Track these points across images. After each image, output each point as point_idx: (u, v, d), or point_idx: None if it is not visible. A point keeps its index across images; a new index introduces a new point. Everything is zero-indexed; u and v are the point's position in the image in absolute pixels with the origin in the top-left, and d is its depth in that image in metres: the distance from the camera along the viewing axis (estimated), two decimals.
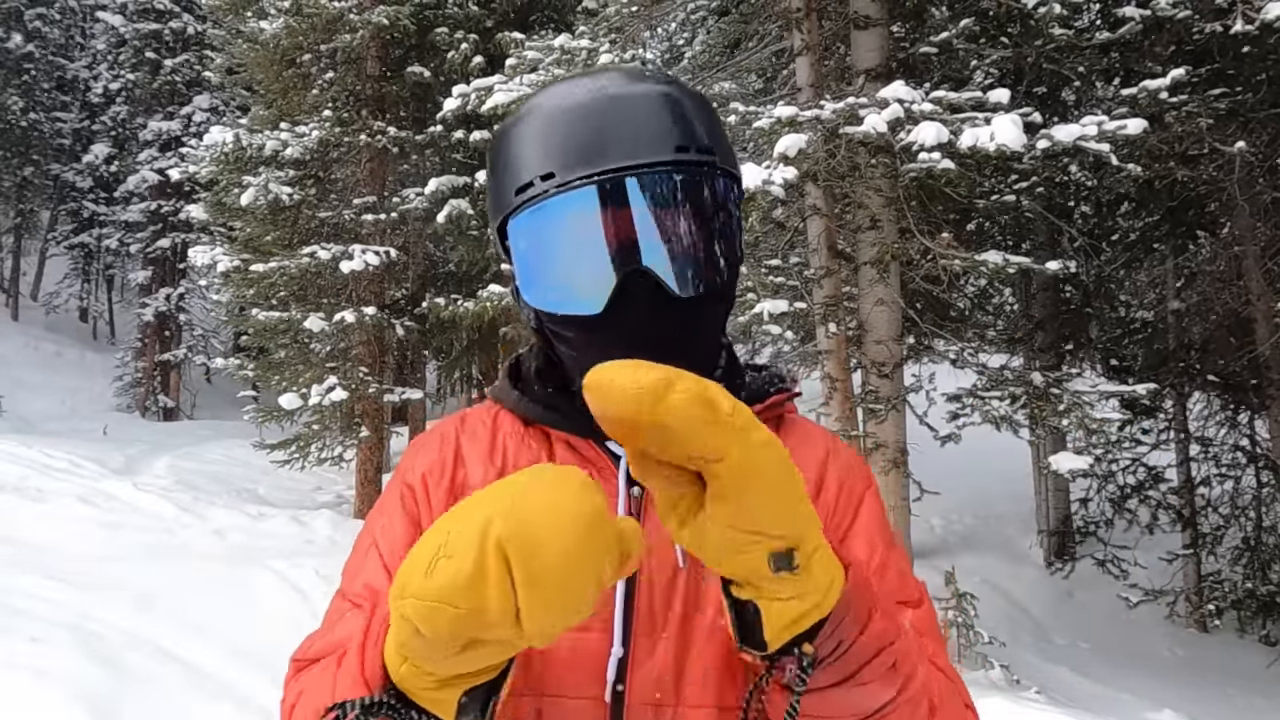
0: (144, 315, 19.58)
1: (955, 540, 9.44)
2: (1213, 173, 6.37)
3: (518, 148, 0.80)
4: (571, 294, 0.77)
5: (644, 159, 0.75)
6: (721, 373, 0.87)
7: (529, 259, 0.80)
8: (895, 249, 5.77)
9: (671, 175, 0.76)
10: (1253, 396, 7.82)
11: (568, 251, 0.77)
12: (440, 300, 8.86)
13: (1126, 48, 6.42)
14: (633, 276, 0.75)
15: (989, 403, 6.11)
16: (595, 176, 0.75)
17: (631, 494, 0.80)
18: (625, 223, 0.75)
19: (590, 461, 0.82)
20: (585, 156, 0.76)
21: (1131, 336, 8.86)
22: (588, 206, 0.75)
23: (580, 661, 0.75)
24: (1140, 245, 8.13)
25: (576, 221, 0.76)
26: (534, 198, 0.77)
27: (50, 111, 21.70)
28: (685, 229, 0.76)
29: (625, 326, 0.76)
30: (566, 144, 0.77)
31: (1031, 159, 5.01)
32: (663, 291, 0.75)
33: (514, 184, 0.79)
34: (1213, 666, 7.17)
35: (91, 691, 3.15)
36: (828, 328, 5.89)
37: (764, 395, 0.87)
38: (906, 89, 4.94)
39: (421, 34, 9.42)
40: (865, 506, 0.85)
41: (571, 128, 0.77)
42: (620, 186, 0.75)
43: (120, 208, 20.73)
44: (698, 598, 0.77)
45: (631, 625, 0.76)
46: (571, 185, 0.75)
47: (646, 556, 0.75)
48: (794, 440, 0.86)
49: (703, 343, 0.82)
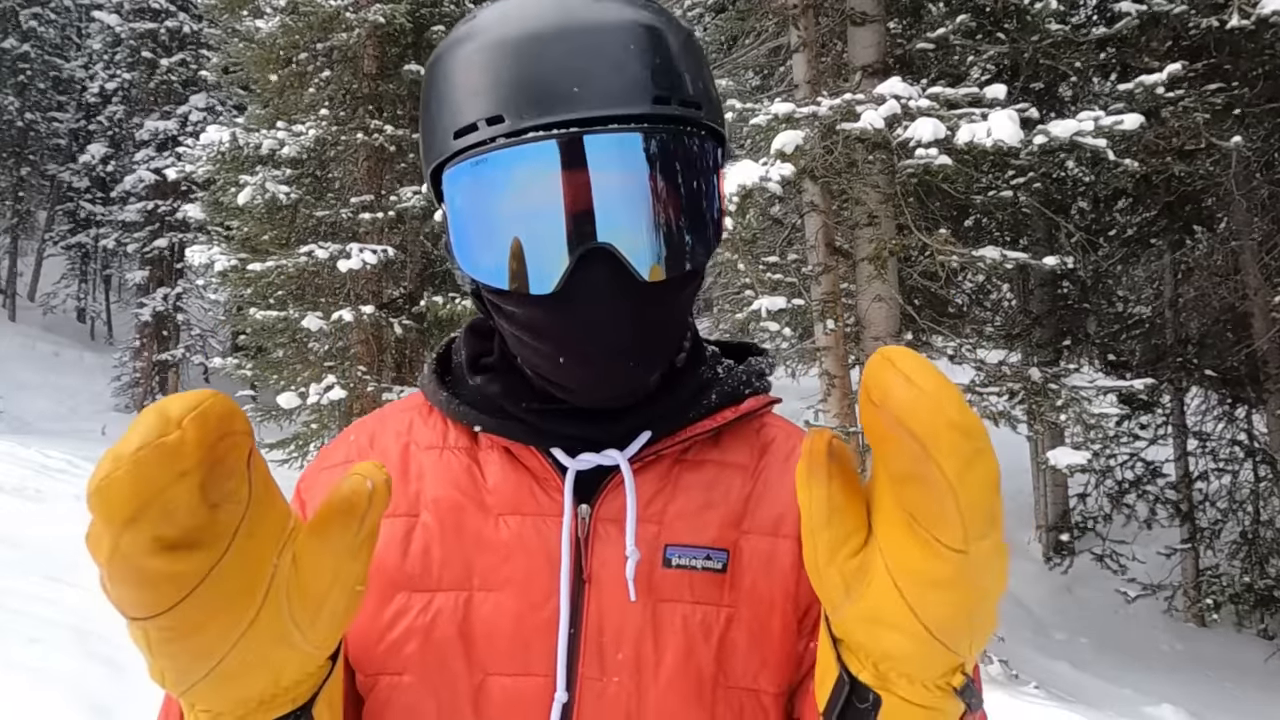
0: (141, 315, 19.55)
1: None
2: (1209, 168, 6.37)
3: (460, 77, 0.65)
4: (519, 269, 0.63)
5: (615, 109, 0.61)
6: (685, 357, 0.75)
7: (466, 221, 0.65)
8: (893, 245, 5.77)
9: (647, 134, 0.62)
10: (1250, 391, 7.83)
11: (515, 218, 0.63)
12: (438, 299, 8.85)
13: (1123, 43, 6.42)
14: (592, 252, 0.61)
15: (987, 398, 6.11)
16: (554, 129, 0.61)
17: (579, 512, 0.69)
18: (585, 190, 0.61)
19: (532, 472, 0.70)
20: (542, 100, 0.61)
21: (1129, 332, 8.86)
22: (542, 166, 0.61)
23: (516, 709, 0.65)
24: (1137, 240, 8.14)
25: (527, 183, 0.62)
26: (476, 145, 0.63)
27: (46, 111, 21.65)
28: (657, 201, 0.63)
29: (579, 310, 0.64)
30: (520, 80, 0.62)
31: (1028, 155, 5.01)
32: (625, 272, 0.62)
33: (453, 124, 0.64)
34: (1211, 661, 7.19)
35: (91, 692, 3.15)
36: (826, 324, 5.89)
37: (738, 397, 0.74)
38: (903, 85, 4.94)
39: (418, 32, 9.41)
40: None
41: (527, 60, 0.62)
42: (581, 144, 0.60)
43: (117, 207, 20.69)
44: (654, 636, 0.66)
45: (577, 668, 0.66)
46: (524, 137, 0.61)
47: (595, 587, 0.68)
48: (778, 462, 0.74)
49: (669, 330, 0.69)
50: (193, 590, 0.44)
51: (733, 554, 0.69)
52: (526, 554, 0.68)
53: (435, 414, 0.76)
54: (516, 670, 0.66)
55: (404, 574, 0.69)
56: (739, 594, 0.68)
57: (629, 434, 0.71)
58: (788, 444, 0.76)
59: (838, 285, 6.05)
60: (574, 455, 0.70)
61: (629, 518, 0.68)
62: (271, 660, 0.49)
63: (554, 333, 0.65)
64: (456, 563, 0.69)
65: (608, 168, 0.61)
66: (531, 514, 0.69)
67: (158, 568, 0.43)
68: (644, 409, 0.71)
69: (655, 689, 0.66)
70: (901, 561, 0.47)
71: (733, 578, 0.69)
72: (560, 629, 0.66)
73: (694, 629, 0.67)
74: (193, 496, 0.42)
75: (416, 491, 0.71)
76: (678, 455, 0.72)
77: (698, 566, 0.68)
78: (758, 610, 0.68)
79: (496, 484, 0.71)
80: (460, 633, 0.67)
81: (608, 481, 0.70)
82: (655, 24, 0.65)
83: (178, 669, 0.47)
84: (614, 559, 0.68)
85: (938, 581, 0.46)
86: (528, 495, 0.70)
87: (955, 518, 0.44)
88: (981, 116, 4.75)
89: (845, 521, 0.49)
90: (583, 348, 0.65)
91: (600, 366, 0.66)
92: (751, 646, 0.68)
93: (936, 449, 0.42)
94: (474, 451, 0.73)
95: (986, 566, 0.46)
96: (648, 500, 0.70)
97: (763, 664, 0.68)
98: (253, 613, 0.47)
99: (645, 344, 0.67)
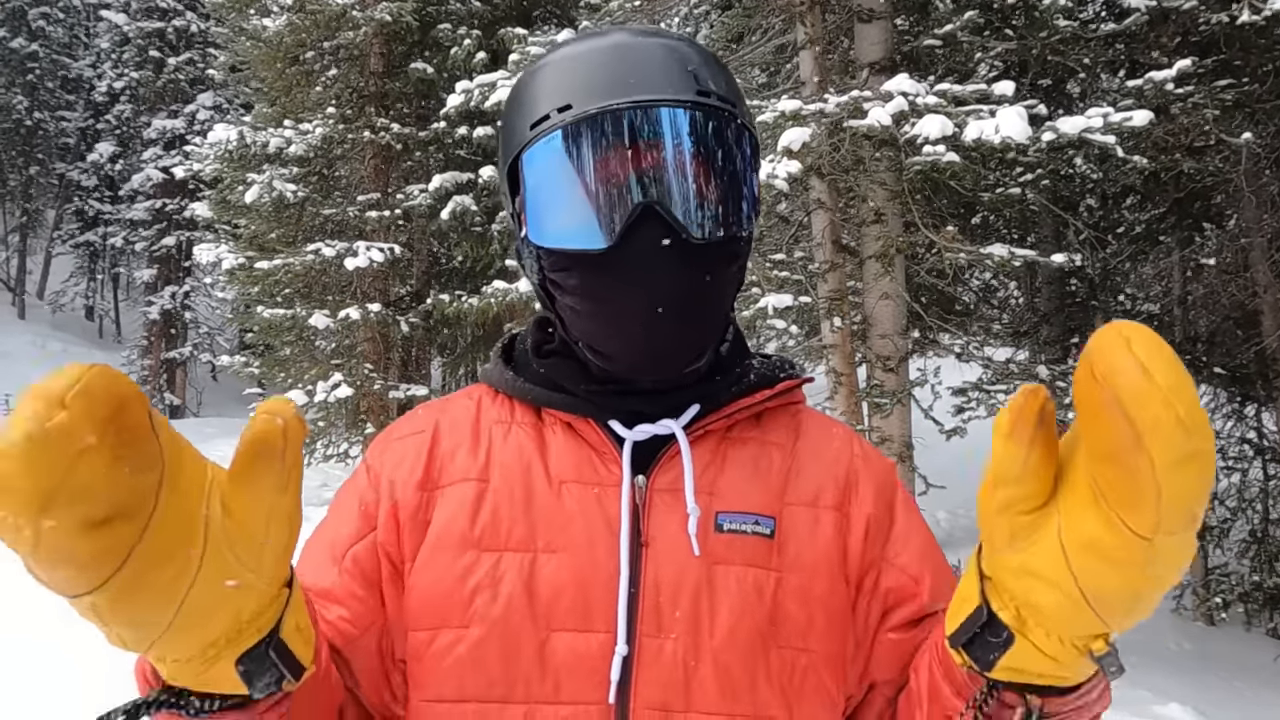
0: (149, 313, 19.64)
1: (962, 534, 9.43)
2: (1219, 164, 6.33)
3: (533, 90, 0.76)
4: (579, 227, 0.71)
5: (665, 95, 0.71)
6: (729, 347, 0.82)
7: (537, 193, 0.74)
8: (900, 243, 5.75)
9: (694, 112, 0.72)
10: (1260, 389, 7.79)
11: (579, 181, 0.72)
12: (445, 297, 8.86)
13: (1132, 39, 6.39)
14: (646, 215, 0.70)
15: (994, 396, 6.10)
16: (613, 106, 0.71)
17: (636, 483, 0.74)
18: (640, 155, 0.70)
19: (592, 446, 0.76)
20: (605, 90, 0.72)
21: None
22: (604, 134, 0.71)
23: (580, 664, 0.69)
24: (1146, 238, 8.10)
25: (591, 149, 0.71)
26: (548, 129, 0.72)
27: (55, 110, 21.75)
28: (703, 169, 0.72)
29: (632, 270, 0.71)
30: (585, 80, 0.73)
31: (1036, 152, 4.99)
32: (675, 236, 0.70)
33: (528, 121, 0.74)
34: (1220, 659, 7.16)
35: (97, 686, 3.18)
36: (832, 322, 5.88)
37: (773, 380, 0.81)
38: (911, 82, 4.92)
39: (424, 30, 9.42)
40: (899, 509, 0.81)
41: (591, 68, 0.74)
42: (639, 115, 0.71)
43: (125, 206, 20.78)
44: (711, 596, 0.71)
45: (636, 625, 0.70)
46: (588, 114, 0.71)
47: (653, 549, 0.72)
48: (811, 441, 0.81)
49: (713, 300, 0.76)
50: (128, 557, 0.44)
51: (778, 522, 0.75)
52: (586, 520, 0.73)
53: (501, 396, 0.82)
54: (578, 626, 0.71)
55: (475, 534, 0.74)
56: (785, 559, 0.74)
57: (679, 408, 0.77)
58: (818, 428, 0.84)
59: (844, 283, 6.03)
60: (630, 428, 0.76)
61: (686, 476, 0.73)
62: (228, 601, 0.50)
63: (609, 294, 0.72)
64: (522, 526, 0.74)
65: (659, 138, 0.71)
66: (591, 483, 0.75)
67: (87, 547, 0.42)
68: (691, 388, 0.78)
69: (710, 646, 0.70)
70: (1078, 530, 0.48)
71: (780, 544, 0.75)
72: (620, 588, 0.71)
73: (747, 589, 0.72)
74: (107, 470, 0.42)
75: (486, 460, 0.77)
76: (723, 433, 0.79)
77: (748, 531, 0.74)
78: (803, 575, 0.74)
79: (559, 456, 0.76)
80: (526, 589, 0.71)
81: (662, 454, 0.76)
82: (694, 49, 0.77)
83: (135, 631, 0.48)
84: (670, 524, 0.73)
85: (1111, 558, 0.47)
86: (587, 466, 0.76)
87: (1151, 508, 0.44)
88: (989, 113, 4.72)
89: (1031, 483, 0.51)
90: (635, 307, 0.72)
91: (651, 326, 0.72)
92: (799, 608, 0.73)
93: (1153, 442, 0.42)
94: (539, 427, 0.79)
95: (1169, 558, 0.47)
96: (700, 472, 0.75)
97: (810, 625, 0.73)
98: (196, 563, 0.48)
99: (690, 306, 0.73)
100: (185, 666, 0.52)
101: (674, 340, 0.74)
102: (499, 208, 8.54)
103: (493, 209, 8.77)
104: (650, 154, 0.70)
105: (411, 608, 0.73)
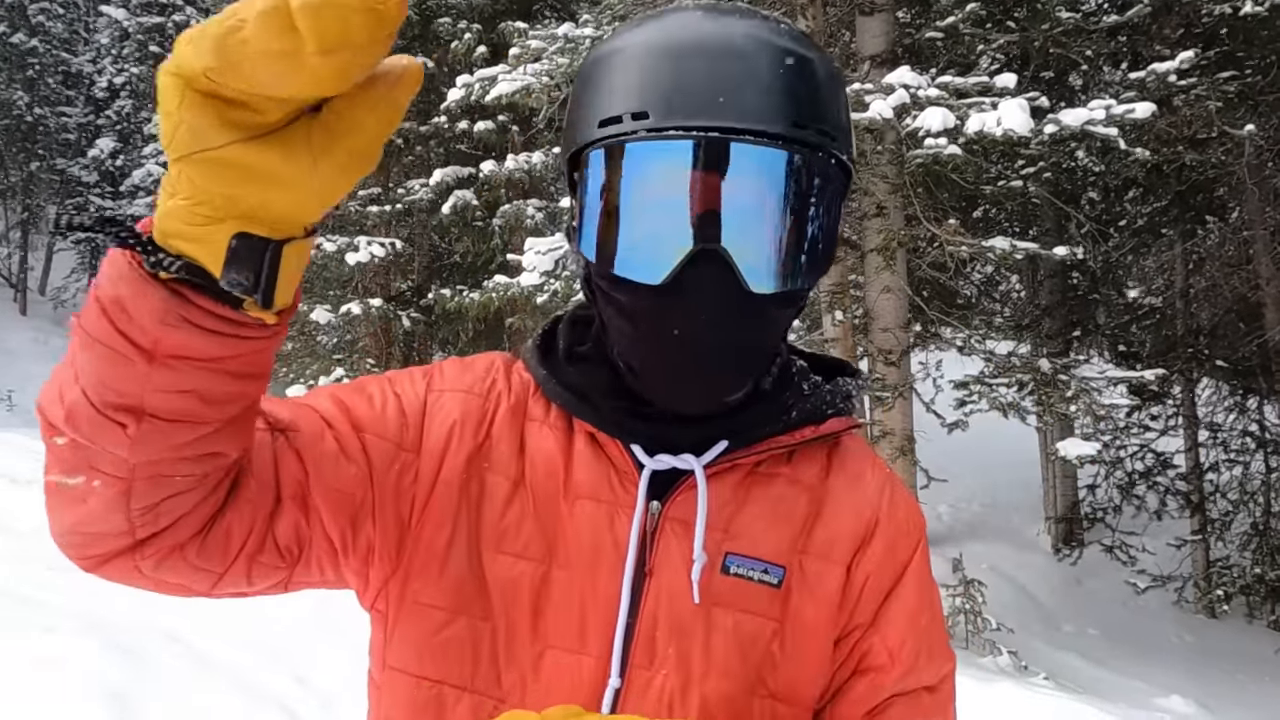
0: None
1: (963, 527, 9.43)
2: (1222, 156, 6.32)
3: (611, 76, 0.68)
4: (634, 256, 0.67)
5: (753, 124, 0.64)
6: (772, 381, 0.77)
7: (595, 204, 0.68)
8: (902, 236, 5.75)
9: (779, 152, 0.65)
10: (1262, 381, 7.78)
11: (642, 207, 0.66)
12: (446, 291, 8.85)
13: (1135, 30, 6.37)
14: (707, 253, 0.65)
15: (996, 390, 6.09)
16: (694, 131, 0.64)
17: (649, 508, 0.73)
18: (714, 191, 0.64)
19: (613, 463, 0.74)
20: (687, 104, 0.64)
21: (1139, 322, 8.82)
22: (678, 162, 0.64)
23: (573, 689, 0.69)
24: (1148, 230, 8.08)
25: (661, 175, 0.65)
26: (620, 135, 0.66)
27: (55, 106, 21.71)
28: (778, 218, 0.66)
29: (683, 307, 0.67)
30: (668, 84, 0.65)
31: (1039, 144, 4.98)
32: (733, 279, 0.65)
33: (599, 114, 0.67)
34: (1221, 652, 7.16)
35: (109, 680, 3.19)
36: (834, 315, 5.88)
37: (820, 417, 0.77)
38: (912, 74, 4.91)
39: (424, 24, 9.39)
40: (909, 575, 0.77)
41: (677, 66, 0.65)
42: (718, 149, 0.64)
43: (126, 202, 20.76)
44: (706, 637, 0.70)
45: (629, 655, 0.70)
46: (665, 133, 0.64)
47: (655, 581, 0.71)
48: (843, 483, 0.77)
49: (759, 345, 0.72)
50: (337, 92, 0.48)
51: (788, 572, 0.74)
52: (595, 539, 0.72)
53: (539, 390, 0.79)
54: (573, 648, 0.70)
55: (499, 530, 0.73)
56: (788, 610, 0.73)
57: (705, 441, 0.74)
58: (856, 465, 0.79)
59: (846, 276, 6.03)
60: (651, 455, 0.73)
61: (698, 524, 0.71)
62: (272, 175, 0.49)
63: (654, 326, 0.68)
64: (541, 539, 0.73)
65: (738, 176, 0.64)
66: (606, 502, 0.73)
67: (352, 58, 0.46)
68: (722, 419, 0.74)
69: (699, 688, 0.70)
70: None
71: (785, 594, 0.73)
72: (619, 616, 0.70)
73: (743, 636, 0.71)
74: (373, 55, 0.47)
75: (521, 461, 0.75)
76: (750, 468, 0.76)
77: (754, 578, 0.72)
78: (802, 629, 0.73)
79: (580, 468, 0.75)
80: (532, 602, 0.71)
81: (681, 483, 0.73)
82: (803, 53, 0.67)
83: (195, 129, 0.48)
84: (676, 556, 0.72)
85: None
86: (605, 484, 0.74)
87: None
88: (991, 105, 4.72)
89: None
90: (679, 345, 0.68)
91: (690, 367, 0.69)
92: (790, 660, 0.72)
93: None
94: (568, 434, 0.76)
95: None
96: (717, 508, 0.73)
97: (799, 678, 0.73)
98: (282, 119, 0.49)
99: (735, 354, 0.70)
100: (195, 210, 0.50)
101: (711, 384, 0.72)
102: (500, 202, 8.53)
103: (493, 203, 8.76)
104: (722, 190, 0.64)
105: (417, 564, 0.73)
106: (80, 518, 0.60)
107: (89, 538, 0.61)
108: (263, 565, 0.67)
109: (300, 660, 3.54)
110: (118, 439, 0.55)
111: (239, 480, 0.65)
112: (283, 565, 0.69)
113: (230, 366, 0.56)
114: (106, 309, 0.53)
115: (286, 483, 0.68)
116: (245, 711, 3.20)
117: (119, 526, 0.59)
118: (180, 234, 0.52)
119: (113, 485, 0.57)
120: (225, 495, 0.64)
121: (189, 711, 3.12)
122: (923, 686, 0.76)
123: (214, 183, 0.49)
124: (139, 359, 0.53)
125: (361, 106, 0.50)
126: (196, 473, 0.60)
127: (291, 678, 3.47)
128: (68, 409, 0.55)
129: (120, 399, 0.54)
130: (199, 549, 0.63)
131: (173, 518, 0.60)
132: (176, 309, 0.52)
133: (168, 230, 0.52)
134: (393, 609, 0.74)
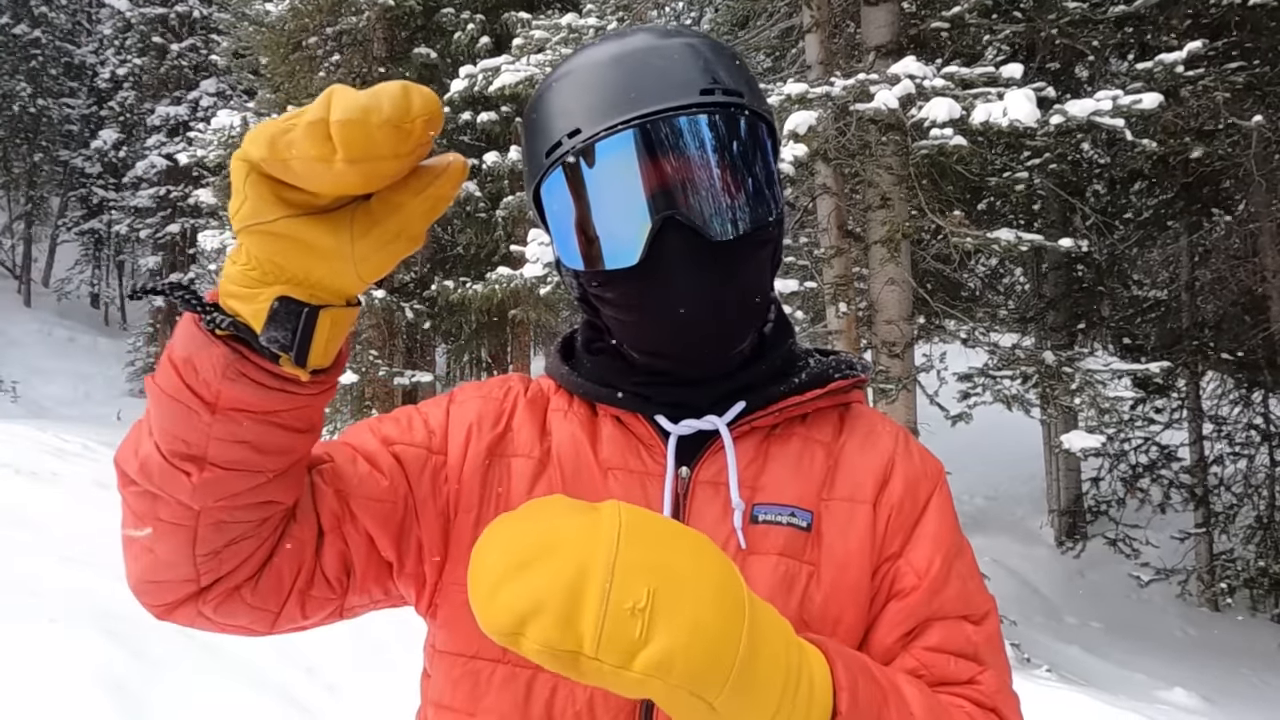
0: (155, 300, 19.65)
1: (966, 520, 9.40)
2: (1228, 148, 6.28)
3: (545, 113, 0.78)
4: (605, 249, 0.75)
5: (669, 103, 0.72)
6: (772, 328, 0.84)
7: (561, 220, 0.77)
8: (906, 228, 5.72)
9: (696, 117, 0.73)
10: (1267, 374, 7.75)
11: (601, 205, 0.74)
12: (449, 283, 8.85)
13: (1142, 21, 6.33)
14: (669, 224, 0.72)
15: (1000, 382, 6.08)
16: (619, 126, 0.72)
17: (680, 474, 0.77)
18: (657, 169, 0.72)
19: (639, 438, 0.80)
20: (609, 109, 0.73)
21: (1144, 315, 8.79)
22: (617, 156, 0.72)
23: None
24: (1154, 223, 8.05)
25: (607, 173, 0.73)
26: (562, 155, 0.74)
27: (58, 97, 21.70)
28: (714, 170, 0.73)
29: (664, 277, 0.73)
30: (590, 100, 0.74)
31: (1044, 135, 4.95)
32: (700, 238, 0.72)
33: (544, 147, 0.76)
34: (1224, 645, 7.16)
35: (113, 672, 3.19)
36: (838, 307, 5.86)
37: (826, 379, 0.83)
38: (918, 65, 4.88)
39: (428, 15, 9.36)
40: (931, 509, 0.80)
41: (595, 84, 0.75)
42: (643, 133, 0.72)
43: (129, 193, 20.75)
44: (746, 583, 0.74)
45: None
46: (596, 137, 0.73)
47: None
48: (857, 439, 0.83)
49: (745, 289, 0.78)
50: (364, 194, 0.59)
51: (816, 517, 0.78)
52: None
53: (561, 389, 0.87)
54: None
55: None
56: (820, 553, 0.77)
57: (724, 399, 0.80)
58: (865, 426, 0.85)
59: (850, 268, 6.01)
60: (676, 422, 0.79)
61: (730, 471, 0.76)
62: (314, 247, 0.59)
63: (643, 302, 0.75)
64: None
65: (671, 148, 0.72)
66: (637, 471, 0.78)
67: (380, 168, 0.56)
68: (738, 374, 0.80)
69: None
70: None
71: (816, 538, 0.77)
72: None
73: (780, 580, 0.75)
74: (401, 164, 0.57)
75: (546, 443, 0.82)
76: (768, 430, 0.81)
77: (783, 522, 0.77)
78: (836, 569, 0.76)
79: (608, 446, 0.80)
80: None
81: (707, 447, 0.79)
82: (689, 39, 0.77)
83: (254, 205, 0.58)
84: (710, 515, 0.76)
85: None
86: (634, 456, 0.79)
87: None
88: (997, 96, 4.68)
89: None
90: (675, 308, 0.75)
91: (692, 325, 0.75)
92: (829, 602, 0.75)
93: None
94: (592, 420, 0.83)
95: None
96: (742, 467, 0.78)
97: (838, 620, 0.75)
98: (333, 202, 0.59)
99: (729, 303, 0.76)
100: (247, 273, 0.60)
101: (711, 339, 0.77)
102: (503, 194, 8.52)
103: (496, 195, 8.74)
104: (662, 165, 0.72)
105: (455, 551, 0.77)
106: (149, 565, 0.69)
107: (160, 586, 0.69)
108: (315, 599, 0.75)
109: (309, 651, 3.54)
110: (182, 485, 0.64)
111: (285, 523, 0.73)
112: (334, 595, 0.76)
113: (282, 419, 0.65)
114: (178, 366, 0.62)
115: (326, 515, 0.75)
116: (252, 702, 3.21)
117: (185, 574, 0.68)
118: (234, 294, 0.61)
119: (177, 532, 0.66)
120: (278, 539, 0.72)
121: (195, 702, 3.13)
122: (961, 615, 0.76)
123: (265, 251, 0.59)
124: (203, 410, 0.62)
125: (404, 195, 0.60)
126: (254, 519, 0.68)
127: (299, 668, 3.47)
128: (141, 460, 0.65)
129: (186, 449, 0.63)
130: (253, 590, 0.71)
131: (234, 563, 0.69)
132: (235, 364, 0.61)
133: (226, 291, 0.61)
134: (438, 598, 0.79)
